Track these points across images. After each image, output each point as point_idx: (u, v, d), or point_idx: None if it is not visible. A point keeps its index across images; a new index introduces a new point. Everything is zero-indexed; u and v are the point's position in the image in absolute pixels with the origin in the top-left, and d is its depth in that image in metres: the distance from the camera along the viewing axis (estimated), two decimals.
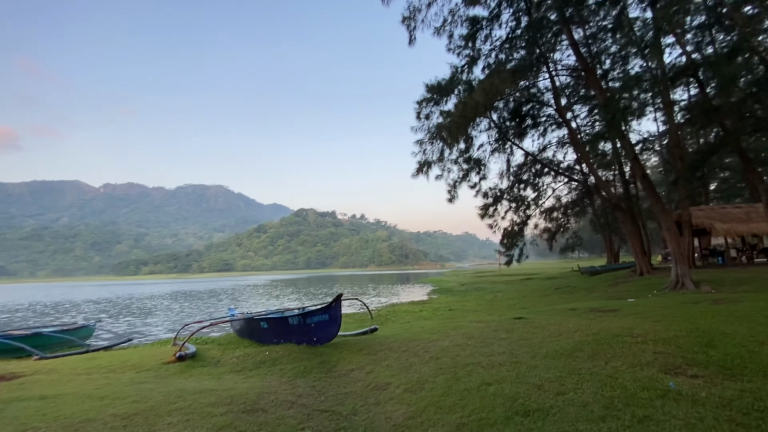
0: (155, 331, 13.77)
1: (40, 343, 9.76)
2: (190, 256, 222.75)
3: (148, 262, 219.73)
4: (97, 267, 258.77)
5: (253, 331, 9.04)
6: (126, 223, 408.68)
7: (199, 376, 5.65)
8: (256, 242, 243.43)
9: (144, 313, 19.89)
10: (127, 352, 8.42)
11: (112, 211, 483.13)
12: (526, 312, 9.99)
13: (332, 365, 5.87)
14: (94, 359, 7.47)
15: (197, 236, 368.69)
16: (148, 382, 5.16)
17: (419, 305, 17.37)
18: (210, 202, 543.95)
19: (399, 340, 6.83)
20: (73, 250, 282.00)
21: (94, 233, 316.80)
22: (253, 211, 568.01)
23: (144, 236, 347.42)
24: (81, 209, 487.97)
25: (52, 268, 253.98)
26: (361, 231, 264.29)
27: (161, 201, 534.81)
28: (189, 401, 3.83)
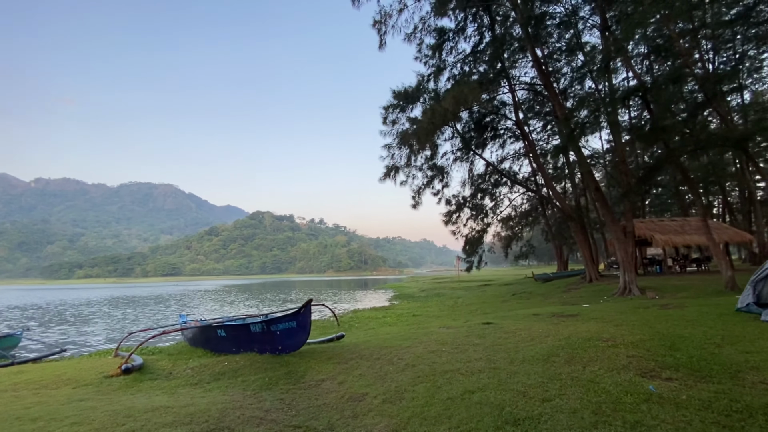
0: (93, 341, 12.46)
1: None
2: (132, 259, 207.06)
3: (83, 264, 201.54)
4: (23, 269, 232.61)
5: (209, 339, 8.39)
6: (60, 221, 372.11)
7: (148, 391, 5.07)
8: (208, 245, 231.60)
9: (80, 320, 17.99)
10: (60, 365, 7.47)
11: (43, 208, 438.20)
12: (490, 317, 10.13)
13: (300, 375, 5.51)
14: (22, 373, 6.53)
15: (142, 238, 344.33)
16: (88, 399, 4.52)
17: (382, 311, 17.21)
18: (158, 201, 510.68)
19: (369, 347, 6.59)
20: None
21: (21, 232, 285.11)
22: (205, 212, 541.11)
23: (80, 236, 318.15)
24: (7, 205, 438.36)
25: None
26: (320, 236, 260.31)
27: (102, 199, 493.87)
28: (140, 422, 3.36)
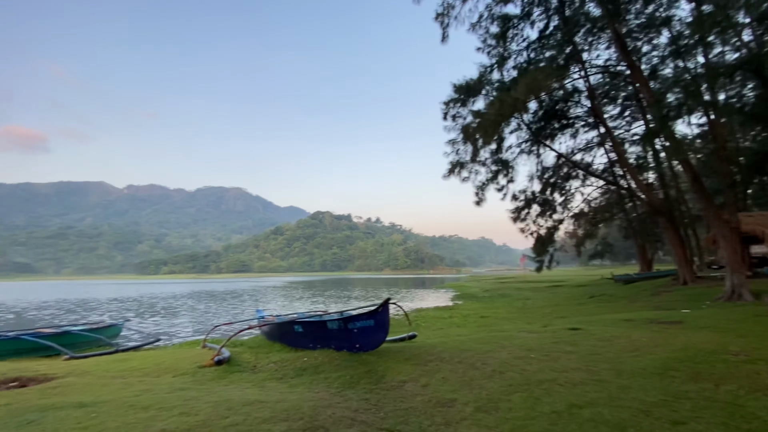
0: (182, 331, 13.62)
1: (69, 341, 9.63)
2: (208, 257, 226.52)
3: (168, 262, 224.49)
4: (119, 266, 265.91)
5: (286, 334, 8.69)
6: (148, 223, 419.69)
7: (239, 383, 5.29)
8: (273, 244, 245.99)
9: (169, 312, 19.90)
10: (157, 354, 8.18)
11: (134, 212, 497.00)
12: (570, 322, 9.35)
13: (380, 375, 5.42)
14: (126, 360, 7.23)
15: (216, 237, 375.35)
16: (188, 388, 4.82)
17: (446, 311, 16.82)
18: (229, 204, 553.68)
19: (447, 349, 6.34)
20: (97, 249, 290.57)
21: (117, 233, 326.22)
22: (270, 213, 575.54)
23: (165, 236, 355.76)
24: (105, 210, 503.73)
25: (76, 266, 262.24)
26: (377, 234, 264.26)
27: (181, 202, 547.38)
28: (241, 415, 3.45)
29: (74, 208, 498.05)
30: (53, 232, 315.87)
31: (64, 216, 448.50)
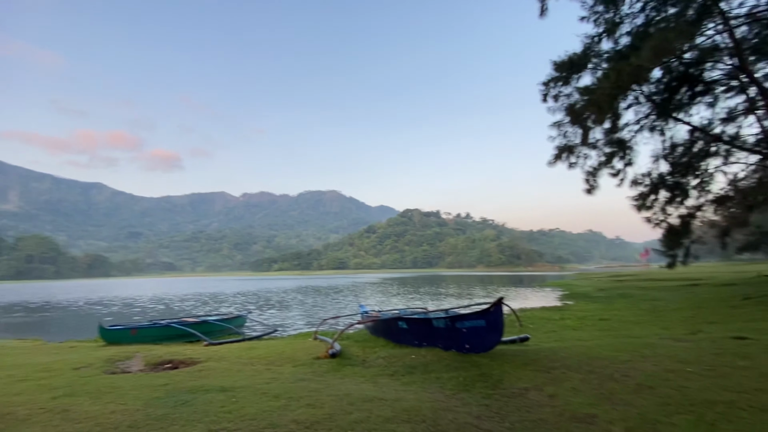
0: (295, 323, 14.79)
1: (206, 329, 11.08)
2: (310, 255, 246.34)
3: (277, 260, 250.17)
4: (239, 264, 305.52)
5: (390, 330, 8.75)
6: (260, 226, 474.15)
7: (353, 377, 5.40)
8: (366, 242, 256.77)
9: (282, 306, 21.95)
10: (277, 344, 8.91)
11: (249, 217, 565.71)
12: (728, 328, 7.65)
13: (496, 380, 5.02)
14: (253, 349, 8.01)
15: (316, 237, 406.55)
16: (309, 379, 5.07)
17: (556, 312, 15.35)
18: (326, 206, 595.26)
19: (572, 355, 5.64)
20: (221, 249, 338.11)
21: (236, 236, 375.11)
22: (363, 213, 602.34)
23: (274, 237, 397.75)
24: (226, 216, 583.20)
25: (206, 264, 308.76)
26: (467, 230, 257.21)
27: (286, 206, 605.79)
28: (364, 411, 3.43)
29: (203, 215, 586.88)
30: (188, 236, 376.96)
31: (196, 222, 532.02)
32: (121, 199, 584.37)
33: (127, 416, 3.33)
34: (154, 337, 9.98)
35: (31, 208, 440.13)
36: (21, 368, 6.12)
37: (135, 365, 6.61)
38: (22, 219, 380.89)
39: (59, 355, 7.62)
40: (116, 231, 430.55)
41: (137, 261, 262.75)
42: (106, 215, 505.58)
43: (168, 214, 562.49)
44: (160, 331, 10.23)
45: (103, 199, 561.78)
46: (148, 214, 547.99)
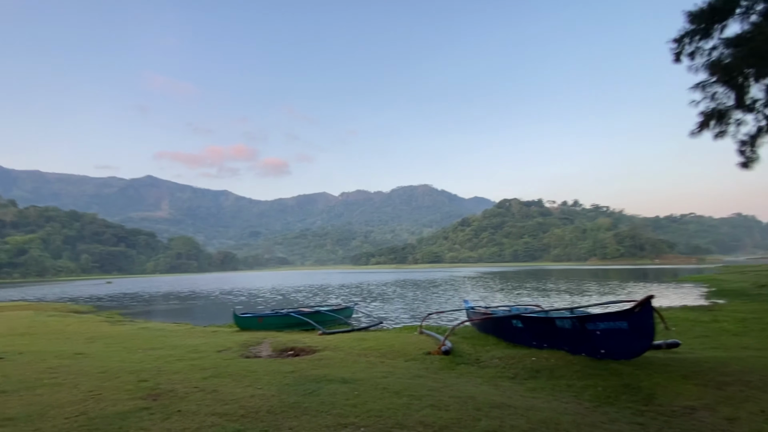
0: (399, 316, 15.00)
1: (319, 319, 11.84)
2: (405, 249, 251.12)
3: (374, 254, 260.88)
4: (341, 258, 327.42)
5: (501, 327, 8.20)
6: (358, 223, 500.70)
7: (469, 377, 5.10)
8: (461, 235, 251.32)
9: (384, 298, 22.61)
10: (385, 336, 9.04)
11: (348, 214, 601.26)
12: None
13: (647, 394, 4.21)
14: (364, 340, 8.23)
15: (410, 231, 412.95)
16: (425, 376, 4.92)
17: (704, 312, 12.75)
18: (418, 200, 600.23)
19: (751, 369, 4.48)
20: (325, 245, 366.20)
21: (337, 232, 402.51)
22: (456, 205, 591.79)
23: (371, 233, 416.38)
24: (328, 214, 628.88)
25: (313, 259, 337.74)
26: (576, 219, 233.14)
27: (380, 203, 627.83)
28: (494, 419, 3.11)
29: (309, 214, 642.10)
30: (297, 234, 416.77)
31: (303, 221, 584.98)
32: (243, 204, 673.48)
33: (265, 401, 3.56)
34: (276, 324, 11.03)
35: (177, 214, 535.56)
36: (177, 349, 7.23)
37: (264, 350, 7.31)
38: (171, 223, 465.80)
39: (204, 338, 8.85)
40: (240, 231, 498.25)
41: (258, 256, 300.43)
42: (232, 218, 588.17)
43: (280, 215, 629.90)
44: (281, 320, 11.28)
45: (229, 204, 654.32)
46: (265, 215, 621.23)
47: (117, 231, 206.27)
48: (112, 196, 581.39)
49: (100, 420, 3.07)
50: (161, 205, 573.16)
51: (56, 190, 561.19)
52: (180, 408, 3.36)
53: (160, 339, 8.46)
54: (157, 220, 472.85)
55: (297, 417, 3.14)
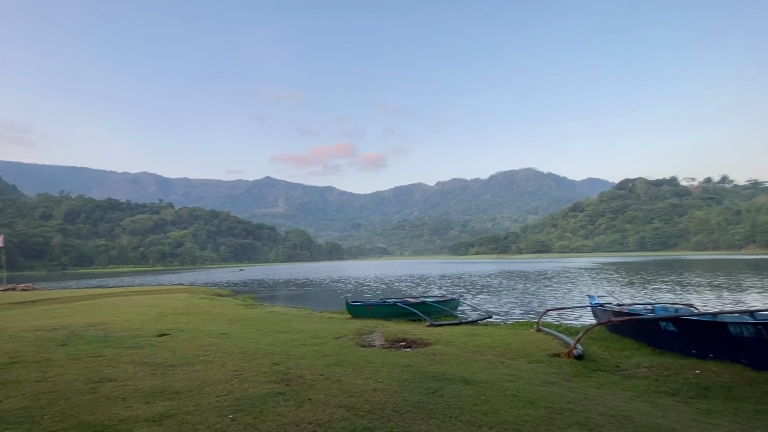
0: (510, 311, 14.10)
1: (425, 310, 11.71)
2: (508, 239, 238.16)
3: (474, 244, 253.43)
4: (438, 248, 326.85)
5: (646, 331, 6.99)
6: (455, 212, 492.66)
7: (612, 388, 4.34)
8: (573, 222, 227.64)
9: (491, 290, 21.62)
10: (498, 332, 8.47)
11: (444, 204, 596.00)
12: None
13: None
14: (476, 335, 7.82)
15: (512, 219, 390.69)
16: (556, 383, 4.35)
17: None
18: (520, 186, 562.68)
19: None
20: (423, 235, 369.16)
21: (434, 222, 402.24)
22: (565, 189, 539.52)
23: (469, 222, 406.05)
24: (424, 204, 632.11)
25: (412, 249, 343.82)
26: (725, 198, 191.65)
27: (478, 191, 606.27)
28: None
29: (406, 205, 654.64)
30: (395, 224, 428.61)
31: (400, 212, 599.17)
32: (345, 198, 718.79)
33: (388, 397, 3.49)
34: (384, 313, 11.27)
35: (291, 210, 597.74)
36: (300, 333, 7.81)
37: (377, 340, 7.46)
38: (287, 218, 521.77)
39: (322, 324, 9.45)
40: (344, 223, 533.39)
41: (360, 246, 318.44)
42: (336, 211, 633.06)
43: (378, 207, 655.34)
44: (388, 309, 11.48)
45: (334, 199, 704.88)
46: (365, 208, 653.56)
47: (246, 226, 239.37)
48: (240, 196, 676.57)
49: (244, 401, 3.34)
50: (278, 202, 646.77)
51: (200, 193, 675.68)
52: (310, 396, 3.48)
53: (285, 323, 9.30)
54: (275, 215, 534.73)
55: (424, 420, 2.97)
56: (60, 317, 9.98)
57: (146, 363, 4.77)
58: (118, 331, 7.44)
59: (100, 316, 9.92)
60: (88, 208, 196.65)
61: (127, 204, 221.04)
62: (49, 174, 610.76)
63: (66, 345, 5.85)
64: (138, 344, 6.07)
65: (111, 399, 3.33)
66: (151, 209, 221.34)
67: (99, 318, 9.58)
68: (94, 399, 3.31)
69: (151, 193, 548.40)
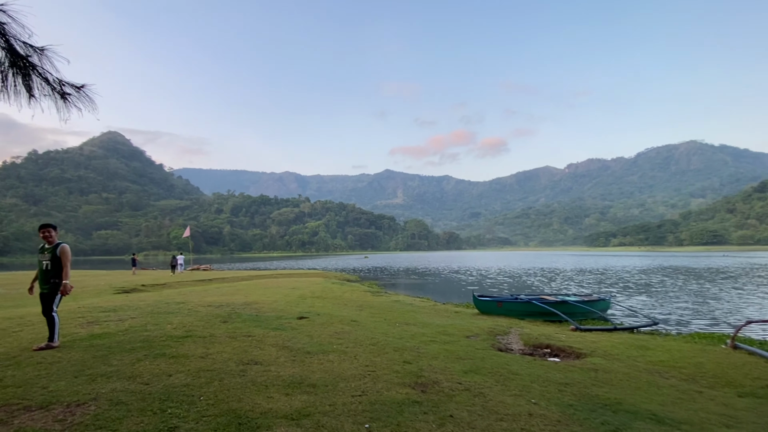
0: (682, 317, 11.35)
1: (566, 310, 10.11)
2: (662, 227, 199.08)
3: (616, 233, 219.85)
4: (571, 238, 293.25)
5: None
6: (590, 197, 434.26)
7: None
8: (759, 206, 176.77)
9: (649, 290, 17.98)
10: (673, 345, 6.67)
11: (577, 188, 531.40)
12: None
13: None
14: (645, 348, 6.25)
15: (668, 204, 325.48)
16: None
17: None
18: (680, 163, 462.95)
19: None
20: (551, 224, 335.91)
21: (564, 209, 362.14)
22: (746, 164, 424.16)
23: (609, 208, 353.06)
24: (552, 189, 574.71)
25: (538, 239, 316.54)
26: None
27: (621, 172, 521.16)
28: None
29: (530, 192, 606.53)
30: (518, 213, 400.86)
31: (524, 199, 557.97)
32: (462, 186, 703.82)
33: (549, 426, 2.76)
34: (516, 311, 10.16)
35: (409, 201, 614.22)
36: (428, 327, 7.45)
37: (514, 343, 6.59)
38: (405, 209, 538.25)
39: (449, 318, 8.96)
40: (461, 212, 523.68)
41: (479, 236, 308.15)
42: (453, 200, 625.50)
43: (499, 194, 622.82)
44: (521, 307, 10.31)
45: (450, 188, 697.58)
46: (483, 196, 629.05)
47: (369, 216, 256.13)
48: (364, 188, 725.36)
49: (379, 407, 3.04)
50: (397, 193, 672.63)
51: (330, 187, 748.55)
52: (451, 412, 2.99)
53: (411, 314, 9.12)
54: (395, 206, 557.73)
55: None
56: (226, 295, 11.78)
57: (287, 347, 4.99)
58: (266, 311, 8.27)
59: (254, 296, 11.35)
60: (246, 204, 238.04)
61: (274, 199, 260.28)
62: (220, 176, 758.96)
63: (227, 322, 6.66)
64: (281, 326, 6.55)
65: (256, 385, 3.42)
66: (293, 203, 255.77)
67: (254, 297, 10.96)
68: (242, 383, 3.45)
69: (292, 190, 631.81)
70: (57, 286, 4.58)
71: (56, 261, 4.57)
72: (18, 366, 3.78)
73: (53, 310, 4.56)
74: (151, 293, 13.66)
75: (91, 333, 5.34)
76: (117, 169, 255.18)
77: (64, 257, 4.60)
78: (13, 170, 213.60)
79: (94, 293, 13.63)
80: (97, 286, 15.71)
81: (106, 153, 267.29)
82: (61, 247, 4.64)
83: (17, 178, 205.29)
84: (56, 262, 4.57)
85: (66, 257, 4.61)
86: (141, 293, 13.65)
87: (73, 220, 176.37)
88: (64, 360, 3.95)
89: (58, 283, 4.59)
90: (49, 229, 4.69)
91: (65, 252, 4.63)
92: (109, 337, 5.09)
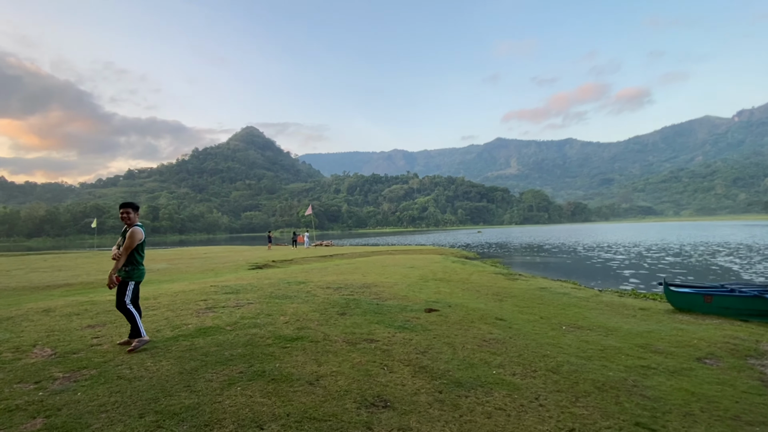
0: None
1: None
2: None
3: None
4: (743, 205, 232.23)
5: None
6: None
7: None
8: None
9: None
10: None
11: (751, 141, 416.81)
12: None
13: None
14: None
15: None
16: None
17: None
18: None
19: None
20: (713, 188, 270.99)
21: (733, 168, 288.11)
22: None
23: None
24: (714, 145, 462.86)
25: (694, 207, 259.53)
26: None
27: None
28: None
29: (681, 150, 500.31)
30: (665, 176, 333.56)
31: (672, 159, 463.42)
32: (590, 149, 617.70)
33: None
34: (737, 309, 6.95)
35: (525, 170, 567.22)
36: (612, 334, 5.16)
37: None
38: (520, 179, 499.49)
39: (636, 319, 6.43)
40: (588, 180, 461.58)
41: (613, 206, 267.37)
42: (578, 166, 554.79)
43: (638, 156, 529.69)
44: (744, 302, 7.00)
45: (574, 153, 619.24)
46: (617, 159, 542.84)
47: (479, 189, 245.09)
48: (473, 161, 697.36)
49: None
50: (510, 163, 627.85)
51: (438, 162, 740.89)
52: None
53: (574, 310, 6.85)
54: (508, 177, 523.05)
55: None
56: (345, 273, 11.13)
57: (425, 369, 3.47)
58: (387, 298, 7.04)
59: (373, 276, 10.40)
60: (360, 183, 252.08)
61: (385, 177, 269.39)
62: (336, 159, 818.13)
63: (345, 314, 5.55)
64: (408, 323, 5.13)
65: None
66: (402, 180, 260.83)
67: (372, 278, 9.99)
68: None
69: (400, 167, 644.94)
70: (129, 274, 3.88)
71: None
72: (95, 381, 3.05)
73: (126, 303, 3.84)
74: (279, 269, 14.06)
75: (200, 326, 4.70)
76: (255, 159, 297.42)
77: (128, 240, 3.84)
78: (183, 165, 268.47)
79: (233, 268, 14.64)
80: (236, 262, 17.03)
81: (246, 146, 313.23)
82: (131, 230, 3.89)
83: (186, 172, 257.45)
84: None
85: (131, 240, 3.84)
86: (270, 269, 14.12)
87: (226, 204, 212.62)
88: (145, 377, 3.11)
89: (129, 271, 3.88)
90: (129, 209, 3.97)
91: (131, 235, 3.86)
92: (213, 334, 4.33)
